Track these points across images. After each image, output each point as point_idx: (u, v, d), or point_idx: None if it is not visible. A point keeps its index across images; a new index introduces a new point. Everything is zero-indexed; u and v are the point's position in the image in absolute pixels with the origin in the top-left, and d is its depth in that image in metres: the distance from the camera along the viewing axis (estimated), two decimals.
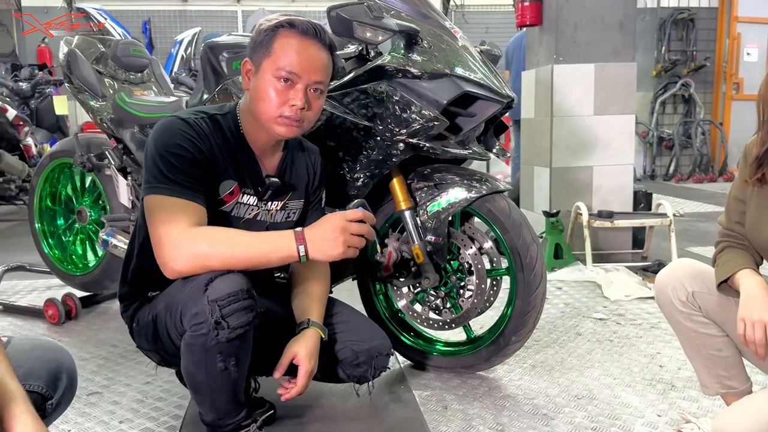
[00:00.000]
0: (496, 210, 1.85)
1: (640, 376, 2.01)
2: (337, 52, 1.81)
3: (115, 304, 2.85)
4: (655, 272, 2.65)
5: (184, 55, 7.19)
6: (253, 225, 1.53)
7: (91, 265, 2.78)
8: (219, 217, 1.46)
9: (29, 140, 5.12)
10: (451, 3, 7.22)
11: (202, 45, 2.15)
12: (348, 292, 2.05)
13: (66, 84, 2.52)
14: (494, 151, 1.95)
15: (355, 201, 1.40)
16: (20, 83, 5.63)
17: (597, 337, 2.38)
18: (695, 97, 7.67)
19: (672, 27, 7.68)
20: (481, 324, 2.28)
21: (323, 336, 1.50)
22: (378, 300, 2.07)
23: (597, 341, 2.33)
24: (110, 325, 2.57)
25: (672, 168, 7.76)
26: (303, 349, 1.43)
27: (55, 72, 6.07)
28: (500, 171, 5.65)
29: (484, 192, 1.83)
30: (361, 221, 1.35)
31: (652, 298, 2.74)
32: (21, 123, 5.04)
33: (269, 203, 1.56)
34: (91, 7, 7.10)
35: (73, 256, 2.86)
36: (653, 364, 2.10)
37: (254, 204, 1.53)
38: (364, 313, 2.02)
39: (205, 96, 2.15)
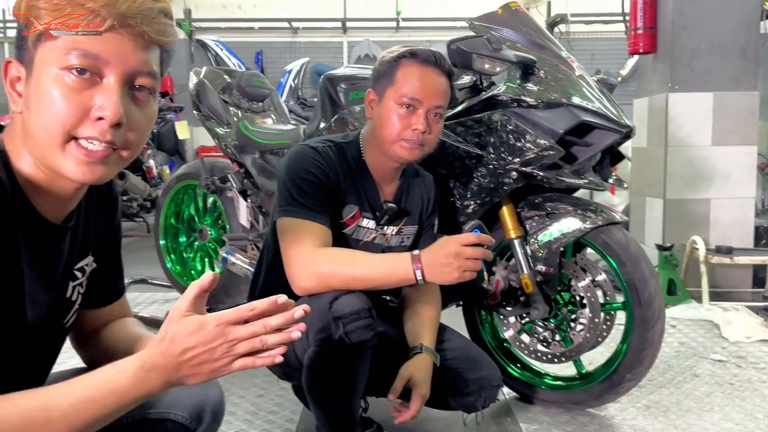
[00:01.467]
0: (612, 242, 1.81)
1: (764, 423, 1.88)
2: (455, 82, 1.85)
3: None
4: None
5: (293, 85, 7.52)
6: (370, 248, 1.58)
7: None
8: (340, 238, 1.52)
9: (151, 162, 5.51)
10: (556, 30, 7.15)
11: (322, 77, 2.26)
12: (448, 319, 2.05)
13: (194, 111, 2.72)
14: (610, 181, 1.91)
15: (471, 223, 1.41)
16: None
17: (716, 379, 2.24)
18: None
19: None
20: (590, 359, 2.21)
21: (436, 362, 1.52)
22: (483, 328, 2.06)
23: (716, 384, 2.20)
24: None
25: None
26: (417, 374, 1.46)
27: (175, 99, 6.52)
28: (605, 201, 5.47)
29: (599, 223, 1.80)
30: (476, 244, 1.36)
31: None
32: (144, 146, 5.45)
33: (386, 227, 1.61)
34: (210, 39, 7.60)
35: (193, 272, 3.05)
36: None
37: (372, 228, 1.58)
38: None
39: (322, 124, 2.25)
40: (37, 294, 0.87)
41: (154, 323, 2.85)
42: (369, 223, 1.57)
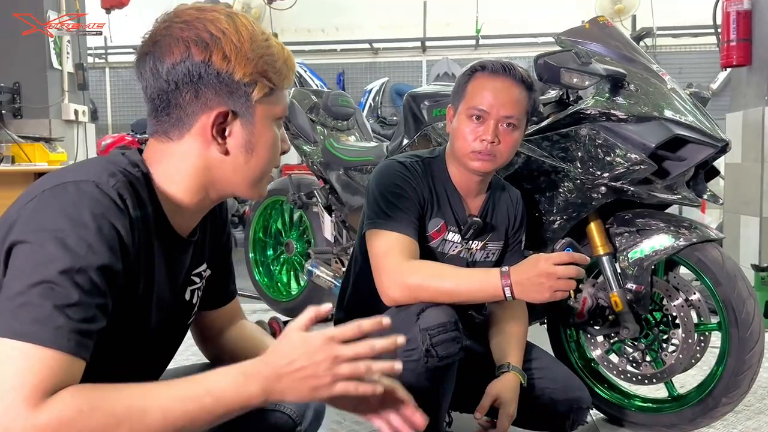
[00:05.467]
0: (708, 260, 1.74)
1: None
2: (539, 97, 1.86)
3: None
4: None
5: (372, 104, 7.67)
6: (454, 261, 1.60)
7: (293, 292, 3.05)
8: (425, 251, 1.55)
9: None
10: (642, 44, 6.94)
11: (405, 95, 2.31)
12: (532, 336, 2.02)
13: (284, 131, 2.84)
14: (705, 196, 1.84)
15: (562, 241, 1.40)
16: None
17: None
18: None
19: None
20: (682, 382, 2.12)
21: (523, 382, 1.51)
22: (569, 347, 2.02)
23: None
24: None
25: None
26: (504, 394, 1.46)
27: None
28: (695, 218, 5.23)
29: (694, 240, 1.74)
30: (569, 263, 1.34)
31: None
32: None
33: (471, 242, 1.63)
34: (295, 62, 7.89)
35: (279, 284, 3.16)
36: None
37: (458, 242, 1.60)
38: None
39: (405, 141, 2.29)
40: (163, 301, 0.97)
41: None
42: (454, 236, 1.59)
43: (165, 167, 0.92)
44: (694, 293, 1.80)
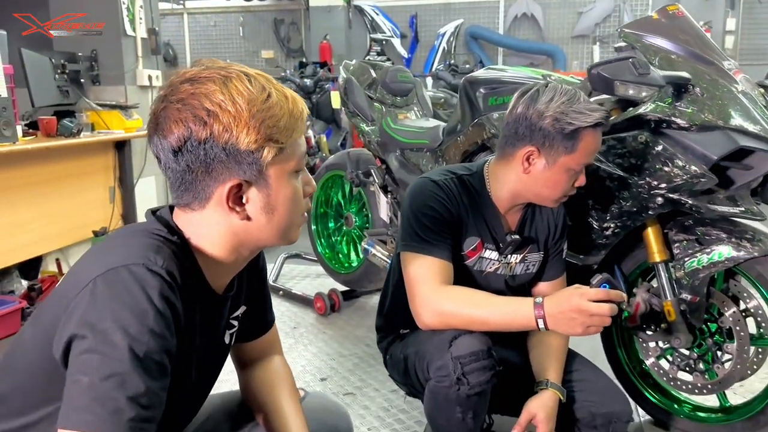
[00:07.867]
0: None
1: None
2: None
3: (371, 300, 3.17)
4: None
5: (446, 47, 7.47)
6: (492, 278, 1.60)
7: (354, 265, 3.13)
8: (462, 270, 1.56)
9: (310, 132, 5.78)
10: None
11: (463, 79, 2.25)
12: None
13: (342, 107, 2.84)
14: None
15: (600, 277, 1.36)
16: (305, 79, 6.37)
17: None
18: None
19: None
20: (735, 389, 2.05)
21: (562, 399, 1.52)
22: (620, 349, 1.99)
23: None
24: (366, 322, 2.88)
25: None
26: (542, 411, 1.47)
27: (333, 69, 6.75)
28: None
29: (755, 254, 1.65)
30: (605, 300, 1.32)
31: None
32: None
33: (509, 257, 1.62)
34: (367, 5, 7.74)
35: (340, 255, 3.25)
36: None
37: (495, 258, 1.60)
38: (606, 361, 1.97)
39: (459, 127, 2.26)
40: (204, 356, 1.03)
41: (303, 300, 3.10)
42: (491, 254, 1.59)
43: (198, 232, 0.96)
44: (753, 302, 1.72)
